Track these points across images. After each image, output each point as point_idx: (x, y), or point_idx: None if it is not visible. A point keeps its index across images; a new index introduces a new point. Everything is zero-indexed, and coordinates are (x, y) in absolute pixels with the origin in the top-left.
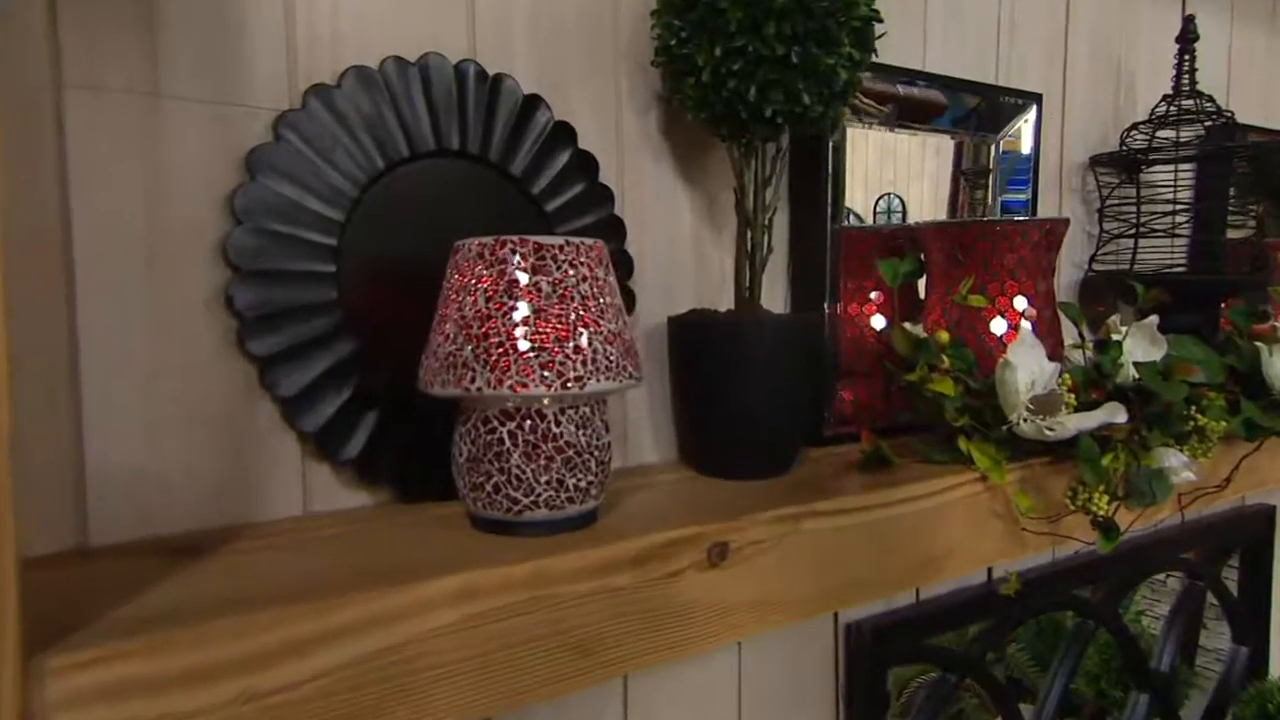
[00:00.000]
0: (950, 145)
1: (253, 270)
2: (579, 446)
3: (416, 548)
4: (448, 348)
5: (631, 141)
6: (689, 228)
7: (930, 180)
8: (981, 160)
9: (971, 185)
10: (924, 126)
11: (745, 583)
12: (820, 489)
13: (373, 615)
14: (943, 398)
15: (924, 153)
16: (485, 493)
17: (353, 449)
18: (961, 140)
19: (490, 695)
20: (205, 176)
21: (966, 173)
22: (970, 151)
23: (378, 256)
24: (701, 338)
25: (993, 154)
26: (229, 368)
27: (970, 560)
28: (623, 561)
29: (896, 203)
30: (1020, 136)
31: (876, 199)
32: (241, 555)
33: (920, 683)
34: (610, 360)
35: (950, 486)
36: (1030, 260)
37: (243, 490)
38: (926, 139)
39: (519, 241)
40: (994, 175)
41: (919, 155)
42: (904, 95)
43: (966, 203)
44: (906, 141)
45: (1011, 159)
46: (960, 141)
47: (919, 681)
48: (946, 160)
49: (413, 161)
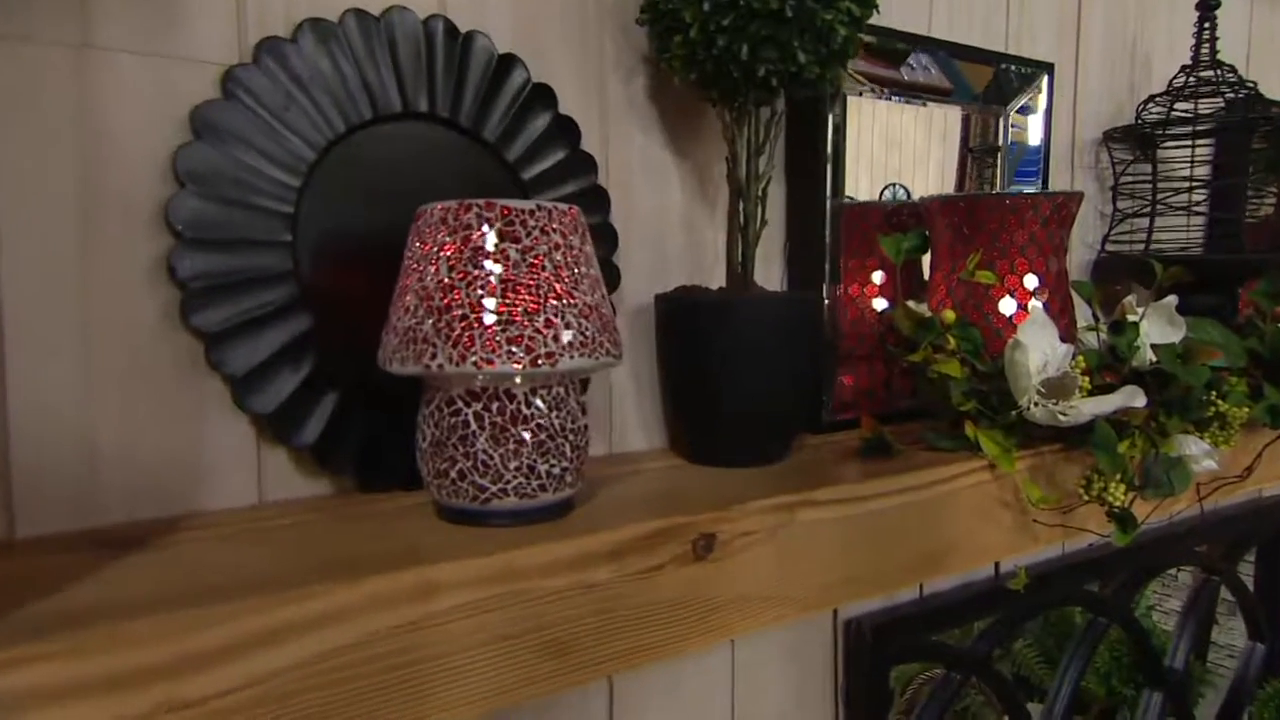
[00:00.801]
0: (957, 128)
1: (198, 237)
2: (552, 429)
3: (374, 540)
4: (407, 321)
5: (616, 107)
6: (678, 201)
7: (936, 166)
8: (990, 137)
9: (980, 164)
10: (930, 96)
11: (735, 578)
12: (817, 477)
13: (318, 614)
14: (948, 380)
15: (930, 140)
16: (450, 480)
17: (310, 433)
18: (970, 114)
19: (453, 701)
20: (144, 136)
21: (975, 150)
22: (978, 127)
23: (339, 225)
24: (690, 317)
25: (1002, 128)
26: (172, 344)
27: (977, 554)
28: (599, 554)
29: (902, 193)
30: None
31: (881, 190)
32: (183, 547)
33: (925, 679)
34: (586, 335)
35: (956, 475)
36: (1041, 237)
37: (189, 478)
38: (933, 116)
39: (485, 205)
40: (1004, 153)
41: (925, 142)
42: (909, 81)
43: (974, 186)
44: (912, 128)
45: (1020, 148)
46: (968, 115)
47: (924, 678)
48: (954, 147)
49: (377, 124)
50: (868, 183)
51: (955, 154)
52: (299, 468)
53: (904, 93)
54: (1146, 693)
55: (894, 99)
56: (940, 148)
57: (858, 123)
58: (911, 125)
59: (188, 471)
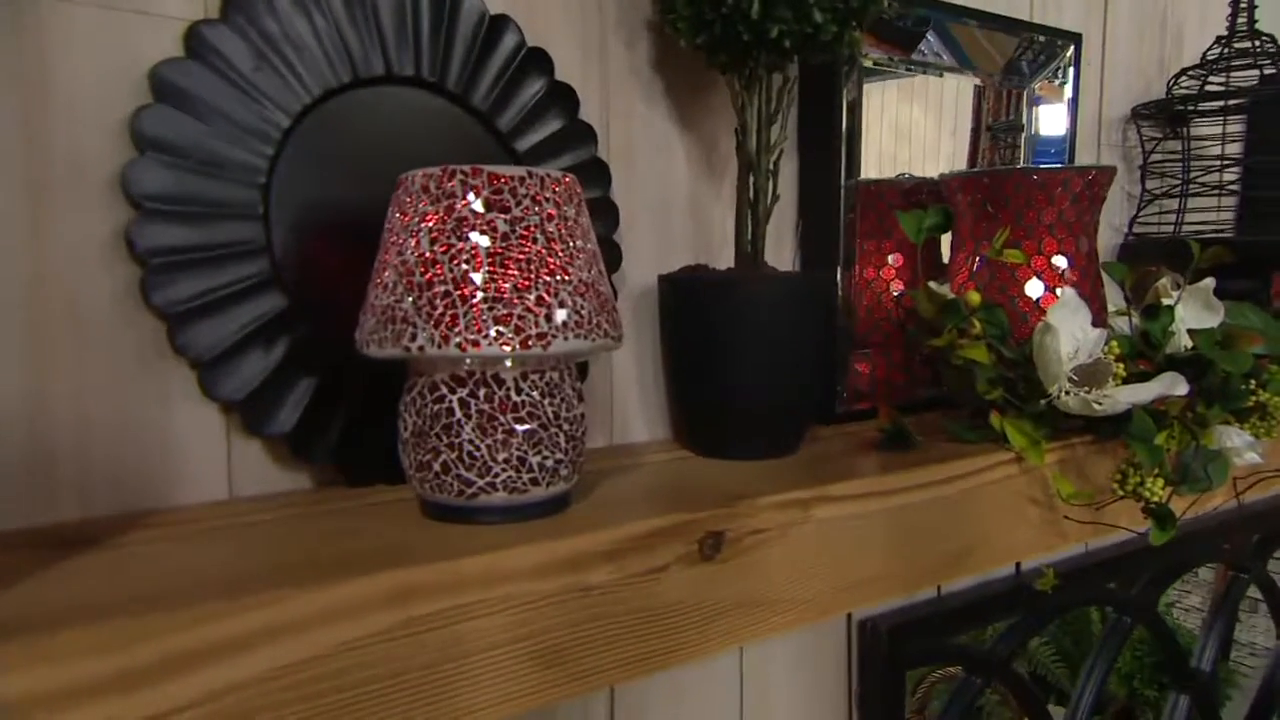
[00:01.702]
0: (969, 117)
1: (159, 208)
2: (544, 418)
3: (348, 539)
4: (385, 299)
5: (618, 74)
6: (684, 175)
7: (946, 160)
8: (1009, 114)
9: (998, 145)
10: (946, 65)
11: (744, 580)
12: (833, 470)
13: (281, 622)
14: (974, 366)
15: (940, 131)
16: (433, 473)
17: (284, 422)
18: (986, 87)
19: (433, 718)
20: (100, 97)
21: (995, 128)
22: (996, 104)
23: (316, 197)
24: (697, 298)
25: (1025, 104)
26: (131, 326)
27: (1003, 552)
28: (596, 555)
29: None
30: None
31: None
32: (138, 548)
33: (937, 678)
34: (582, 315)
35: (981, 469)
36: (1071, 215)
37: (152, 472)
38: (944, 105)
39: (471, 172)
40: (1028, 131)
41: (935, 133)
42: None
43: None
44: (922, 119)
45: (1043, 126)
46: (982, 91)
47: (935, 677)
48: (964, 139)
49: (357, 88)
50: (875, 175)
51: (966, 146)
52: (274, 460)
53: (920, 65)
54: (1172, 695)
55: (909, 70)
56: (950, 140)
57: (866, 114)
58: (921, 117)
59: (150, 464)
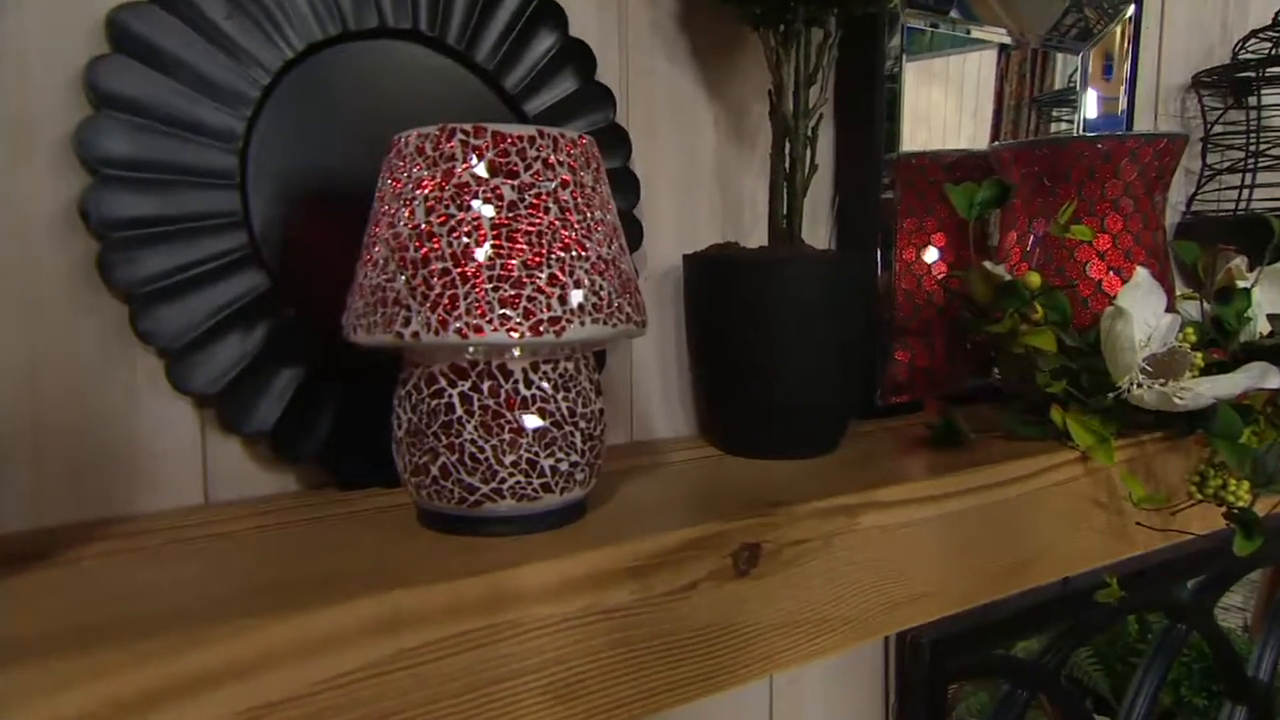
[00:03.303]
0: (989, 102)
1: (119, 175)
2: (558, 415)
3: (335, 553)
4: (375, 278)
5: (638, 30)
6: (712, 144)
7: (967, 142)
8: (1038, 87)
9: (1044, 119)
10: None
11: (782, 597)
12: (879, 472)
13: (249, 657)
14: (1036, 355)
15: (961, 114)
16: (430, 477)
17: (265, 417)
18: (1024, 56)
19: None
20: (48, 46)
21: (1040, 101)
22: (1015, 79)
23: (299, 163)
24: (727, 279)
25: (1079, 71)
26: (89, 309)
27: (1066, 561)
28: (618, 572)
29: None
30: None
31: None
32: (92, 563)
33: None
34: (601, 296)
35: (1044, 469)
36: (1139, 189)
37: (116, 475)
38: (964, 88)
39: (473, 131)
40: (1081, 101)
41: (955, 116)
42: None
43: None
44: (941, 102)
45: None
46: (1005, 67)
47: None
48: (985, 121)
49: (346, 41)
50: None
51: (988, 128)
52: (254, 460)
53: (963, 22)
54: (1227, 705)
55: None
56: (972, 122)
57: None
58: (941, 100)
59: (113, 467)
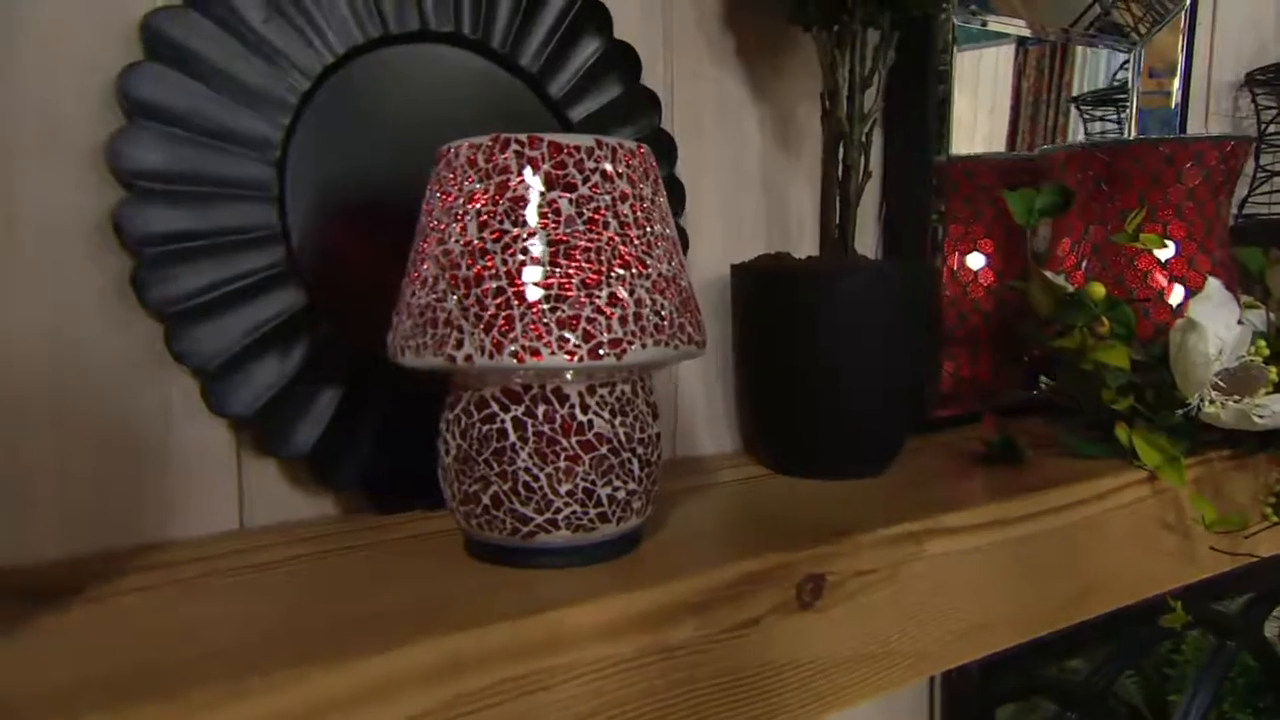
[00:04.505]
0: (1007, 104)
1: (155, 188)
2: (616, 441)
3: (382, 587)
4: (425, 298)
5: (684, 31)
6: (757, 148)
7: (983, 141)
8: (1053, 86)
9: (1089, 119)
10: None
11: (847, 631)
12: (939, 494)
13: (297, 709)
14: (1105, 370)
15: (975, 112)
16: (481, 507)
17: (304, 440)
18: (1049, 45)
19: None
20: (80, 52)
21: (1082, 101)
22: (1033, 75)
23: (340, 174)
24: (783, 291)
25: (1132, 68)
26: (122, 328)
27: (1132, 586)
28: (679, 607)
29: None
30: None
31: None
32: (131, 599)
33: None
34: (662, 316)
35: (1110, 490)
36: (1203, 193)
37: (150, 501)
38: (979, 89)
39: (529, 141)
40: (1133, 102)
41: (970, 114)
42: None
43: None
44: (956, 101)
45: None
46: (1045, 48)
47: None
48: (1003, 119)
49: (387, 45)
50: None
51: (1005, 126)
52: (292, 482)
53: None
54: None
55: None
56: (989, 120)
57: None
58: (955, 97)
59: (146, 492)
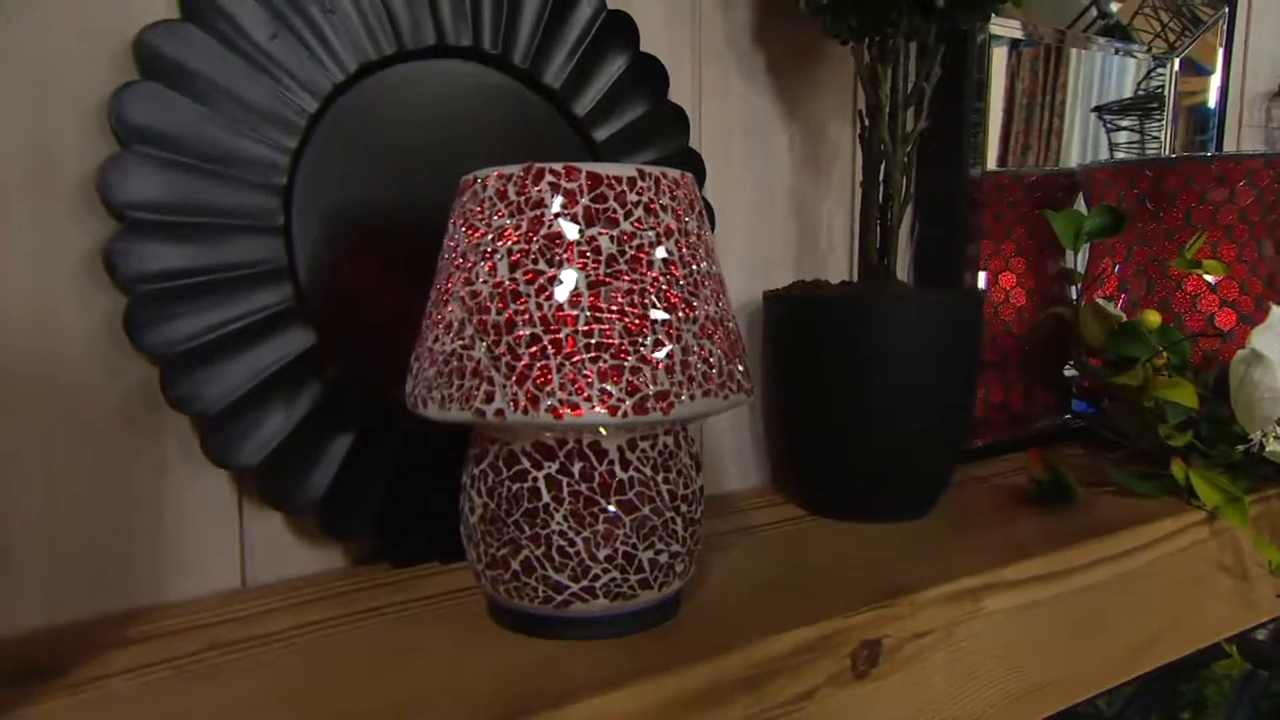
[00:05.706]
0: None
1: (150, 219)
2: (659, 500)
3: (402, 664)
4: (449, 344)
5: (713, 46)
6: (787, 168)
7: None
8: (1049, 89)
9: (1113, 128)
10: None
11: (903, 699)
12: (991, 540)
13: None
14: (1167, 406)
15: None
16: (510, 572)
17: (312, 491)
18: (1043, 48)
19: None
20: (70, 71)
21: (1106, 109)
22: (1027, 80)
23: (350, 202)
24: (821, 321)
25: (1170, 79)
26: (113, 372)
27: (1192, 635)
28: (730, 684)
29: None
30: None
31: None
32: (121, 684)
33: None
34: (711, 364)
35: (1170, 534)
36: (1255, 214)
37: (142, 560)
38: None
39: (565, 172)
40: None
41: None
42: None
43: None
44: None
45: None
46: (1039, 50)
47: None
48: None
49: (401, 62)
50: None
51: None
52: (298, 536)
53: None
54: None
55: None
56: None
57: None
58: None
59: (139, 551)
